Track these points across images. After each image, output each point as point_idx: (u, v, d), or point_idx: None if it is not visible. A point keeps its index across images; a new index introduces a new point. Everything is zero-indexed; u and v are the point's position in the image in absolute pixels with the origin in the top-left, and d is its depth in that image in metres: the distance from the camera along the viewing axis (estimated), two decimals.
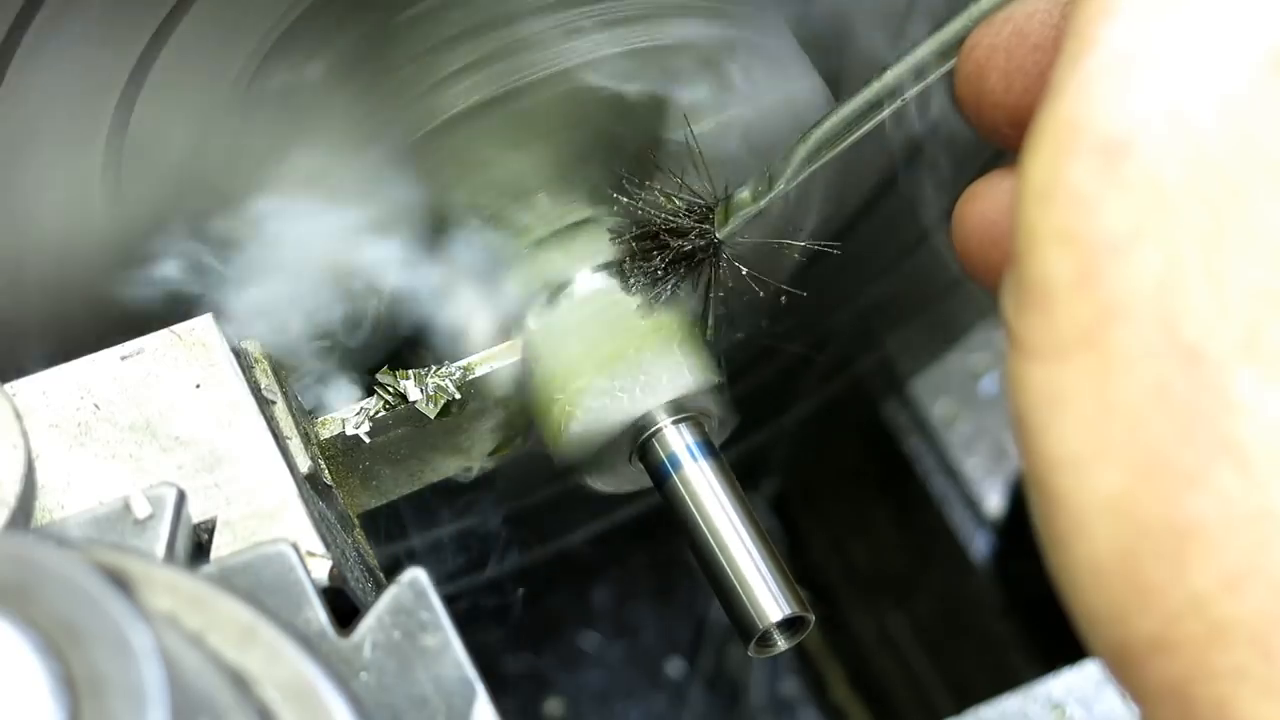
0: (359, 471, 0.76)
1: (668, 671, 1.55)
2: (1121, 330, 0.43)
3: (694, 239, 0.75)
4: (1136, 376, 0.43)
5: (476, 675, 0.52)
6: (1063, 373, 0.44)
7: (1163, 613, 0.42)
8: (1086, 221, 0.44)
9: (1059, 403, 0.44)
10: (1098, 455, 0.43)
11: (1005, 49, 0.56)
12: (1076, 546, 0.44)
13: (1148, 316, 0.43)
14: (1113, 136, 0.44)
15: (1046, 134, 0.46)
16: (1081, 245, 0.44)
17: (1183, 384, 0.42)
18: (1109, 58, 0.45)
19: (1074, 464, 0.44)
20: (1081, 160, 0.44)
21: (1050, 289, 0.45)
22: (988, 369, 1.43)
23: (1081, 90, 0.45)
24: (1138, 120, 0.44)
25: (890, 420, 1.43)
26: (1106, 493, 0.43)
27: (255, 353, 0.70)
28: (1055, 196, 0.45)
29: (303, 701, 0.47)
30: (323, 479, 0.69)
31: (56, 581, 0.43)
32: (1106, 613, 0.44)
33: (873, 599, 1.55)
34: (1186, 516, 0.42)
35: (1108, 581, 0.44)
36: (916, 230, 1.11)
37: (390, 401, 0.75)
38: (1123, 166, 0.44)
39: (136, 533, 0.54)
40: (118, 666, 0.41)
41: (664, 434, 0.77)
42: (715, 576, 0.75)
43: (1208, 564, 0.42)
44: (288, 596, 0.53)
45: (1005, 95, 0.57)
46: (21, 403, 0.63)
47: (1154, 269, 0.43)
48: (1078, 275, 0.44)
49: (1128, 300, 0.43)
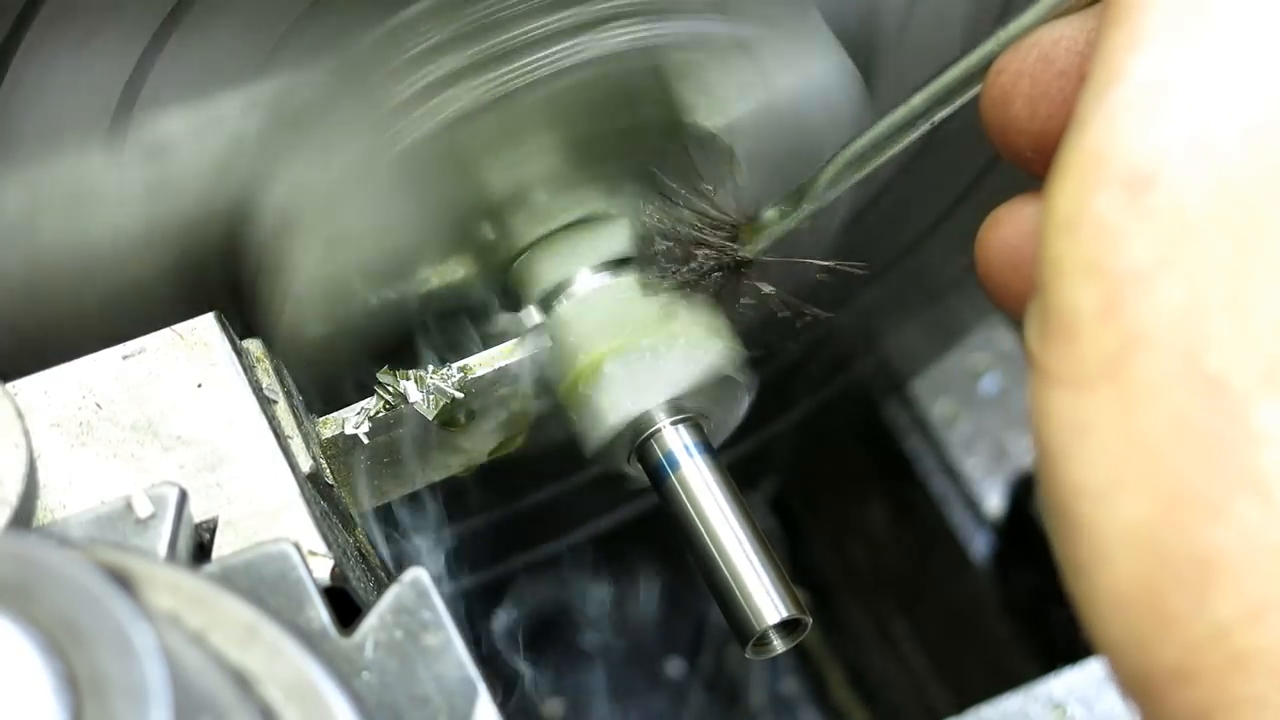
0: (360, 471, 0.76)
1: (668, 671, 1.55)
2: (1145, 360, 0.43)
3: (720, 255, 0.75)
4: (1159, 407, 0.43)
5: (478, 675, 0.52)
6: (1086, 402, 0.45)
7: (1184, 642, 0.43)
8: (1111, 252, 0.44)
9: (1082, 432, 0.45)
10: (1120, 484, 0.44)
11: (1030, 74, 0.57)
12: (1098, 575, 0.44)
13: (1171, 347, 0.43)
14: (1137, 167, 0.44)
15: (1072, 165, 0.46)
16: (1106, 276, 0.44)
17: (1205, 415, 0.43)
18: (1134, 88, 0.46)
19: (1096, 493, 0.44)
20: (1106, 191, 0.45)
21: (1075, 319, 0.45)
22: (988, 369, 1.43)
23: (1107, 121, 0.45)
24: (1162, 151, 0.44)
25: (890, 420, 1.43)
26: (1128, 522, 0.43)
27: (257, 352, 0.70)
28: (1080, 227, 0.45)
29: (305, 701, 0.47)
30: (324, 478, 0.69)
31: (58, 580, 0.43)
32: (1128, 641, 0.44)
33: (873, 599, 1.54)
34: (1208, 547, 0.42)
35: (1129, 610, 0.44)
36: (916, 230, 1.11)
37: (390, 402, 0.75)
38: (1147, 197, 0.44)
39: (138, 532, 0.54)
40: (120, 666, 0.41)
41: (662, 434, 0.78)
42: (712, 579, 0.75)
43: (1229, 594, 0.42)
44: (289, 596, 0.53)
45: (1029, 121, 0.57)
46: (23, 402, 0.63)
47: (1177, 299, 0.43)
48: (1102, 305, 0.44)
49: (1151, 330, 0.43)
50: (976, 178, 1.05)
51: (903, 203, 1.04)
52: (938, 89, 0.62)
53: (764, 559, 0.75)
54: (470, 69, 0.73)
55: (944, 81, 0.62)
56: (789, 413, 1.31)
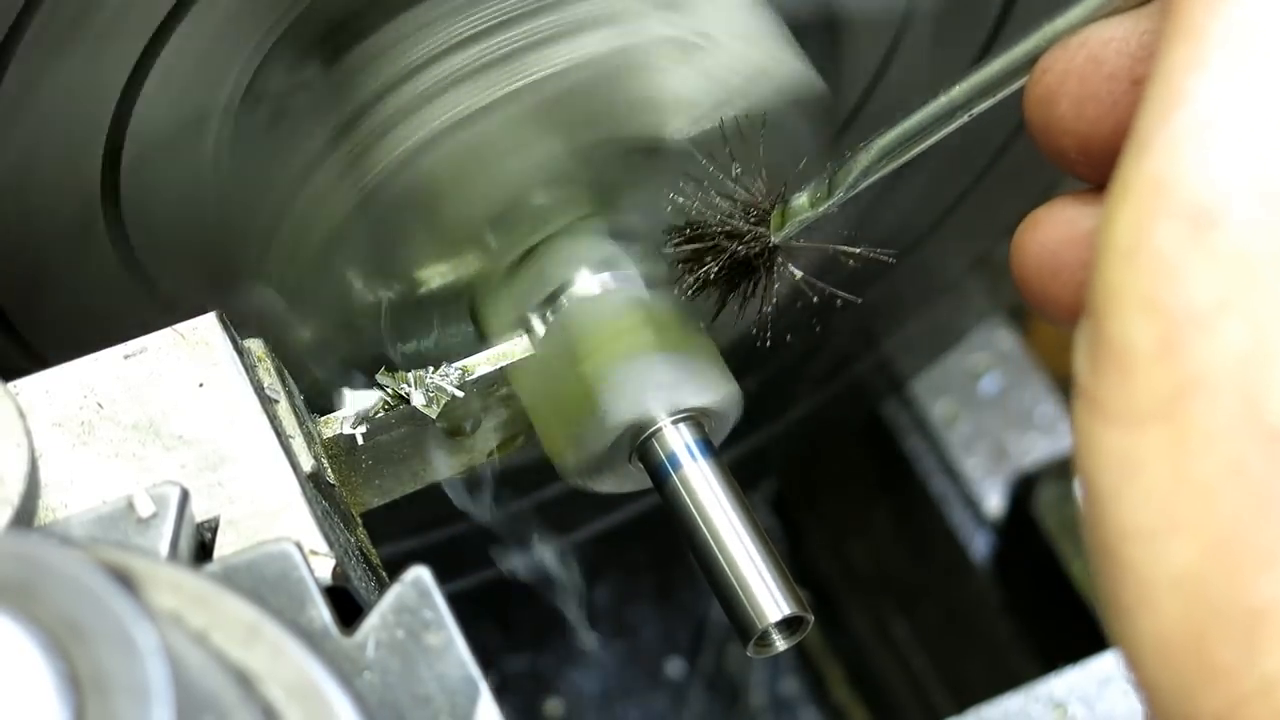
0: (361, 470, 0.76)
1: (668, 671, 1.55)
2: (1202, 404, 0.43)
3: (748, 242, 0.74)
4: (1214, 452, 0.42)
5: (480, 674, 0.52)
6: (1139, 441, 0.44)
7: (1231, 693, 0.42)
8: (1171, 290, 0.43)
9: (1133, 471, 0.44)
10: (1170, 529, 0.43)
11: (1079, 75, 0.55)
12: (1143, 619, 0.44)
13: (1229, 392, 0.42)
14: (1202, 203, 0.43)
15: (1132, 191, 0.45)
16: (1165, 314, 0.43)
17: (1262, 463, 0.42)
18: (1199, 115, 0.44)
19: (1145, 535, 0.44)
20: (1169, 225, 0.44)
21: (1130, 355, 0.44)
22: (988, 369, 1.43)
23: (1170, 149, 0.44)
24: (1229, 185, 0.43)
25: (890, 420, 1.43)
26: (1177, 568, 0.43)
27: (258, 352, 0.70)
28: (1139, 260, 0.44)
29: (307, 700, 0.47)
30: (325, 478, 0.69)
31: (61, 580, 0.42)
32: (1172, 688, 0.43)
33: (873, 599, 1.55)
34: (1259, 598, 0.42)
35: (1174, 657, 0.43)
36: (916, 230, 1.11)
37: (390, 402, 0.75)
38: (1211, 235, 0.43)
39: (140, 531, 0.54)
40: (122, 665, 0.41)
41: (663, 434, 0.78)
42: (714, 576, 0.75)
43: (1279, 647, 0.41)
44: (291, 595, 0.53)
45: (1076, 122, 0.55)
46: (24, 401, 0.63)
47: (1239, 344, 0.43)
48: (1160, 344, 0.43)
49: (1210, 374, 0.43)
50: (977, 177, 1.05)
51: (903, 202, 1.04)
52: (979, 81, 0.60)
53: (766, 557, 0.75)
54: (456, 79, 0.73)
55: (986, 74, 0.60)
56: (789, 413, 1.31)
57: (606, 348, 0.78)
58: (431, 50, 0.74)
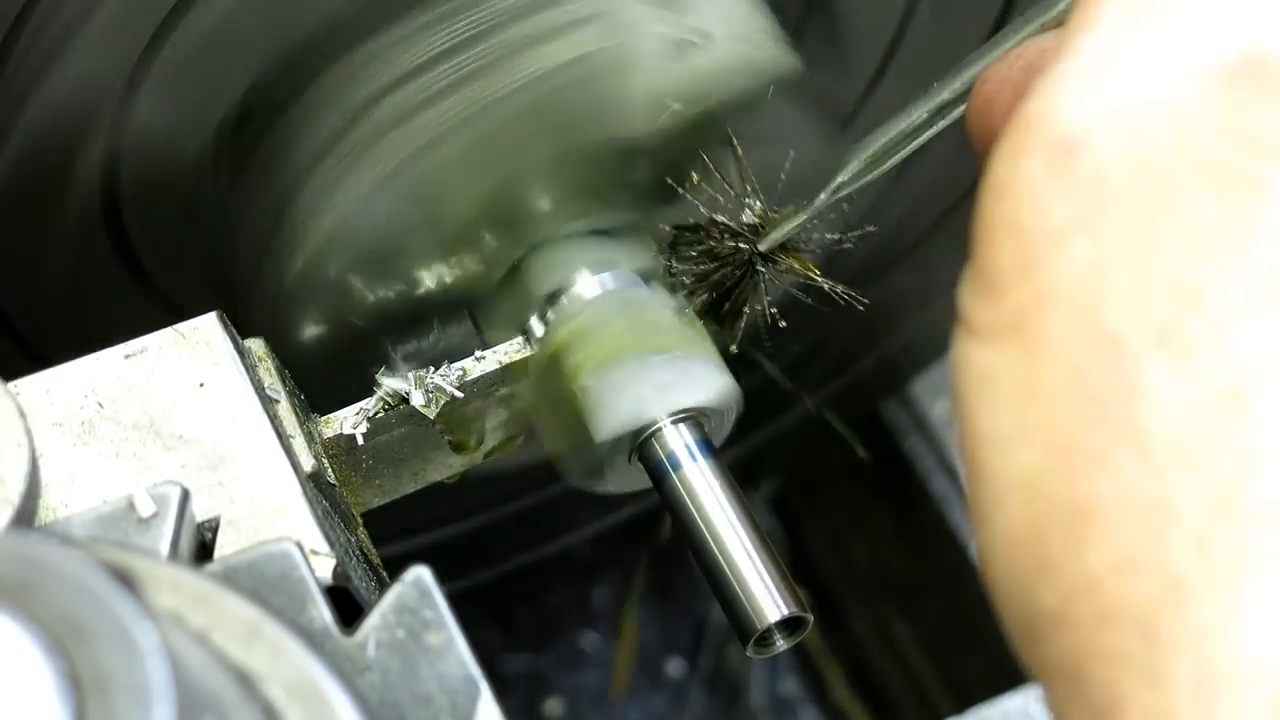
0: (362, 470, 0.76)
1: (668, 671, 1.55)
2: (1049, 316, 0.45)
3: (735, 250, 0.75)
4: (1058, 361, 0.45)
5: (481, 673, 0.52)
6: (996, 354, 0.46)
7: (1062, 589, 0.44)
8: (1032, 213, 0.46)
9: (990, 382, 0.46)
10: (1018, 434, 0.45)
11: (1014, 83, 0.58)
12: (994, 520, 0.46)
13: (1073, 304, 0.45)
14: (1066, 135, 0.46)
15: (1008, 132, 0.47)
16: (1025, 234, 0.46)
17: (1098, 370, 0.44)
18: (1078, 63, 0.47)
19: (998, 441, 0.46)
20: (1036, 156, 0.46)
21: (995, 275, 0.46)
22: None
23: (1047, 91, 0.47)
24: (1091, 120, 0.46)
25: (890, 420, 1.43)
26: (1023, 470, 0.45)
27: (258, 351, 0.70)
28: (1008, 189, 0.47)
29: (307, 700, 0.47)
30: (326, 477, 0.69)
31: (61, 579, 0.42)
32: (1014, 586, 0.45)
33: (873, 599, 1.54)
34: (1088, 496, 0.43)
35: (1018, 555, 0.45)
36: (916, 230, 1.11)
37: (389, 402, 0.75)
38: (1072, 163, 0.46)
39: (140, 531, 0.54)
40: (123, 664, 0.41)
41: (663, 433, 0.78)
42: (714, 576, 0.75)
43: (1102, 545, 0.43)
44: (291, 595, 0.53)
45: None
46: (25, 401, 0.63)
47: (1084, 259, 0.45)
48: (1019, 262, 0.46)
49: (1057, 288, 0.45)
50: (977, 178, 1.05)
51: (903, 203, 1.04)
52: (958, 85, 0.63)
53: (766, 557, 0.75)
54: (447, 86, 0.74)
55: (967, 77, 0.63)
56: (789, 413, 1.31)
57: (602, 350, 0.78)
58: (420, 58, 0.74)
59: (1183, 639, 0.41)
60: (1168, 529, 0.42)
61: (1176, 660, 0.41)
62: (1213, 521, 0.42)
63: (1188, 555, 0.42)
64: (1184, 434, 0.43)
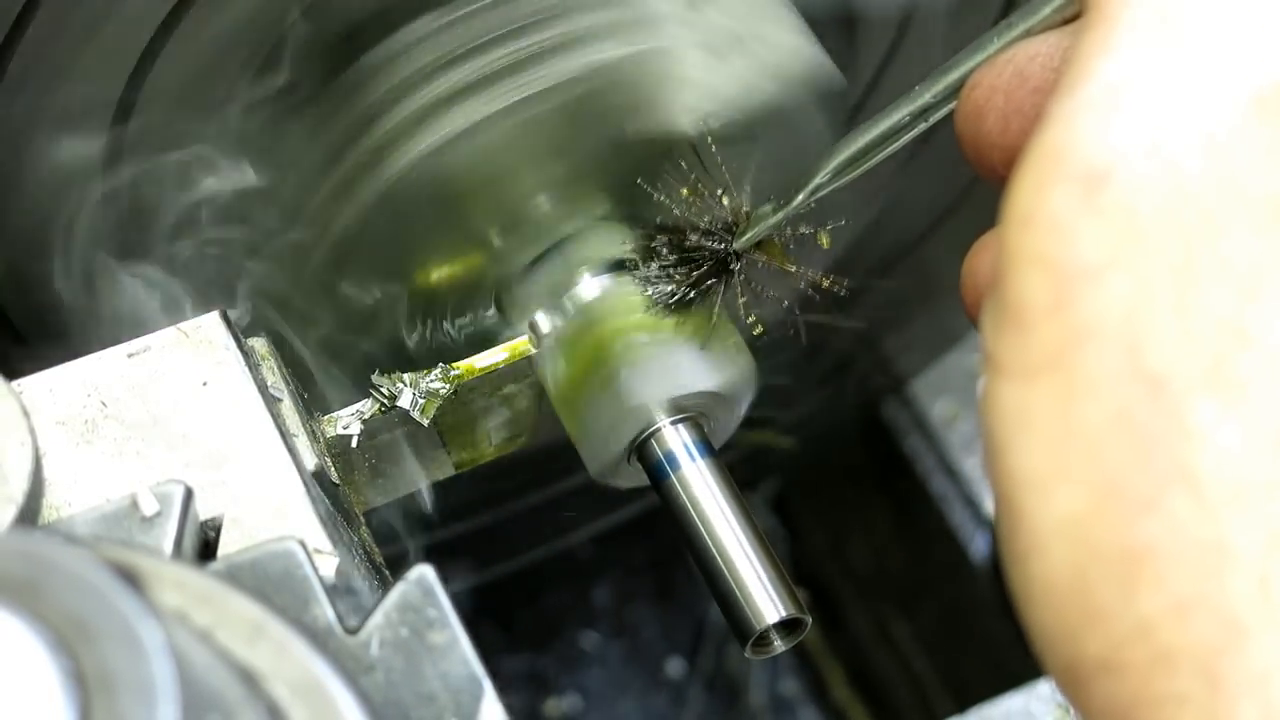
0: (364, 469, 0.76)
1: (668, 671, 1.55)
2: (1088, 354, 0.44)
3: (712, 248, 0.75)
4: (1100, 400, 0.44)
5: (484, 672, 0.52)
6: (1031, 393, 0.45)
7: (1111, 635, 0.43)
8: (1062, 247, 0.45)
9: (1026, 422, 0.45)
10: (1058, 476, 0.44)
11: (1005, 90, 0.57)
12: (1033, 564, 0.45)
13: (1114, 342, 0.44)
14: (1093, 166, 0.45)
15: (1031, 160, 0.47)
16: (1056, 270, 0.45)
17: (1144, 410, 0.43)
18: (1098, 89, 0.46)
19: (1035, 483, 0.45)
20: (1062, 187, 0.45)
21: (1026, 311, 0.45)
22: None
23: (1069, 120, 0.46)
24: (1119, 151, 0.45)
25: (890, 420, 1.43)
26: (1064, 513, 0.44)
27: (262, 350, 0.70)
28: (1035, 221, 0.46)
29: (312, 698, 0.47)
30: (329, 476, 0.69)
31: (66, 578, 0.42)
32: (1058, 631, 0.44)
33: (873, 599, 1.54)
34: (1139, 541, 0.43)
35: (1060, 601, 0.44)
36: (916, 230, 1.11)
37: (385, 404, 0.75)
38: (1101, 195, 0.45)
39: (144, 530, 0.54)
40: (128, 663, 0.41)
41: (662, 434, 0.78)
42: (712, 578, 0.76)
43: (1157, 590, 0.42)
44: (295, 593, 0.53)
45: (1002, 136, 0.57)
46: (28, 400, 0.62)
47: (1124, 297, 0.44)
48: (1051, 299, 0.45)
49: (1096, 325, 0.44)
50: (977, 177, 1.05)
51: (903, 203, 1.04)
52: (939, 89, 0.63)
53: (764, 558, 0.75)
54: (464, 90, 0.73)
55: (947, 81, 0.62)
56: (789, 413, 1.31)
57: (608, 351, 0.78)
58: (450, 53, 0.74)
59: (1246, 681, 0.41)
60: (1225, 571, 0.42)
61: (1240, 703, 0.41)
62: (1272, 562, 0.41)
63: (1247, 597, 0.41)
64: (1237, 474, 0.42)
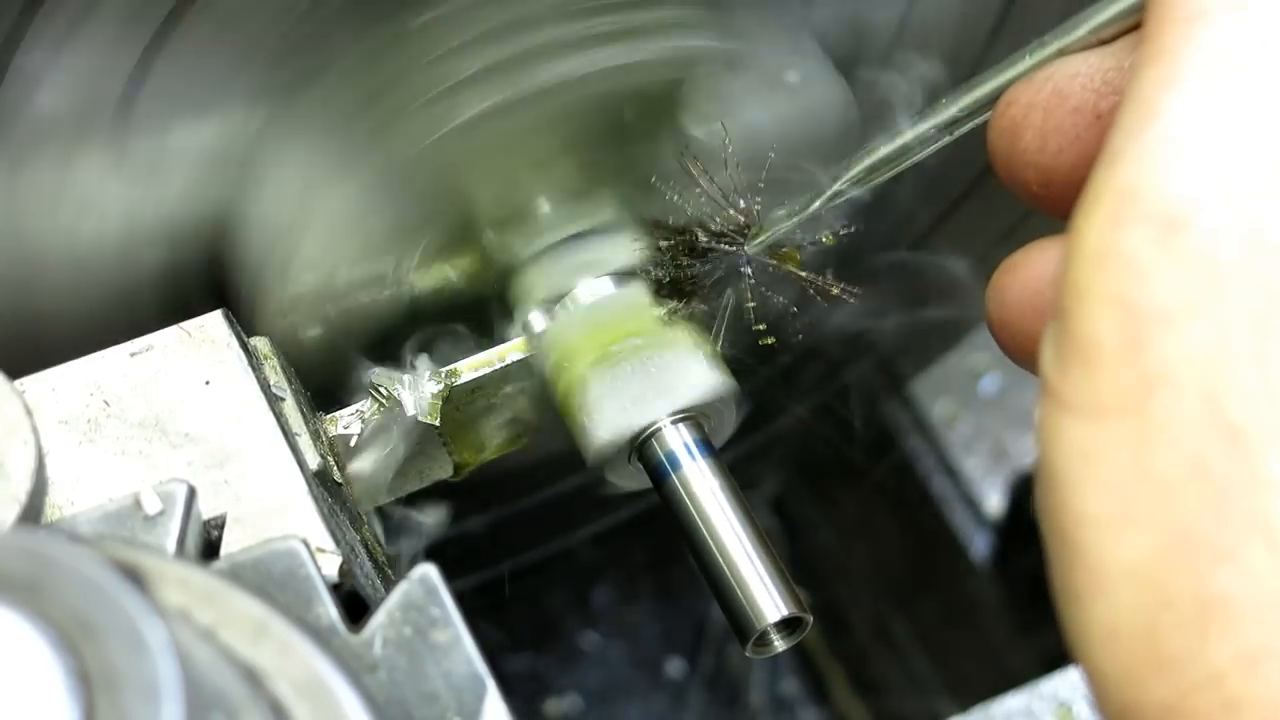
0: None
1: (668, 671, 1.55)
2: (1165, 399, 0.44)
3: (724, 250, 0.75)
4: (1175, 446, 0.43)
5: (487, 671, 0.52)
6: (1101, 433, 0.45)
7: (1179, 683, 0.43)
8: (1138, 289, 0.45)
9: (1094, 462, 0.45)
10: (1128, 518, 0.44)
11: (1044, 108, 0.57)
12: (1095, 605, 0.45)
13: (1192, 389, 0.43)
14: (1171, 208, 0.45)
15: (1104, 198, 0.46)
16: (1131, 312, 0.45)
17: (1220, 459, 0.43)
18: (1170, 128, 0.46)
19: (1102, 524, 0.44)
20: (1138, 228, 0.45)
21: (1096, 350, 0.45)
22: (988, 369, 1.43)
23: (1142, 159, 0.46)
24: (1198, 194, 0.45)
25: (890, 420, 1.43)
26: (1133, 557, 0.44)
27: (264, 349, 0.70)
28: (1108, 261, 0.45)
29: (315, 697, 0.47)
30: (332, 475, 0.69)
31: (70, 576, 0.42)
32: (1120, 675, 0.44)
33: (873, 599, 1.55)
34: (1212, 590, 0.42)
35: (1124, 644, 0.44)
36: (916, 230, 1.11)
37: (385, 404, 0.75)
38: (1179, 239, 0.44)
39: (147, 529, 0.54)
40: (132, 661, 0.41)
41: (663, 433, 0.78)
42: (713, 577, 0.75)
43: (1229, 640, 0.42)
44: (298, 592, 0.53)
45: (1038, 155, 0.57)
46: (31, 399, 0.63)
47: (1203, 343, 0.44)
48: (1125, 341, 0.45)
49: (1174, 371, 0.44)
50: (977, 177, 1.05)
51: (903, 203, 1.04)
52: (960, 106, 0.63)
53: (765, 557, 0.75)
54: (473, 79, 0.73)
55: (969, 99, 0.62)
56: (789, 413, 1.31)
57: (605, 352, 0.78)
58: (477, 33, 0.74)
59: None
60: None
61: None
62: None
63: None
64: None
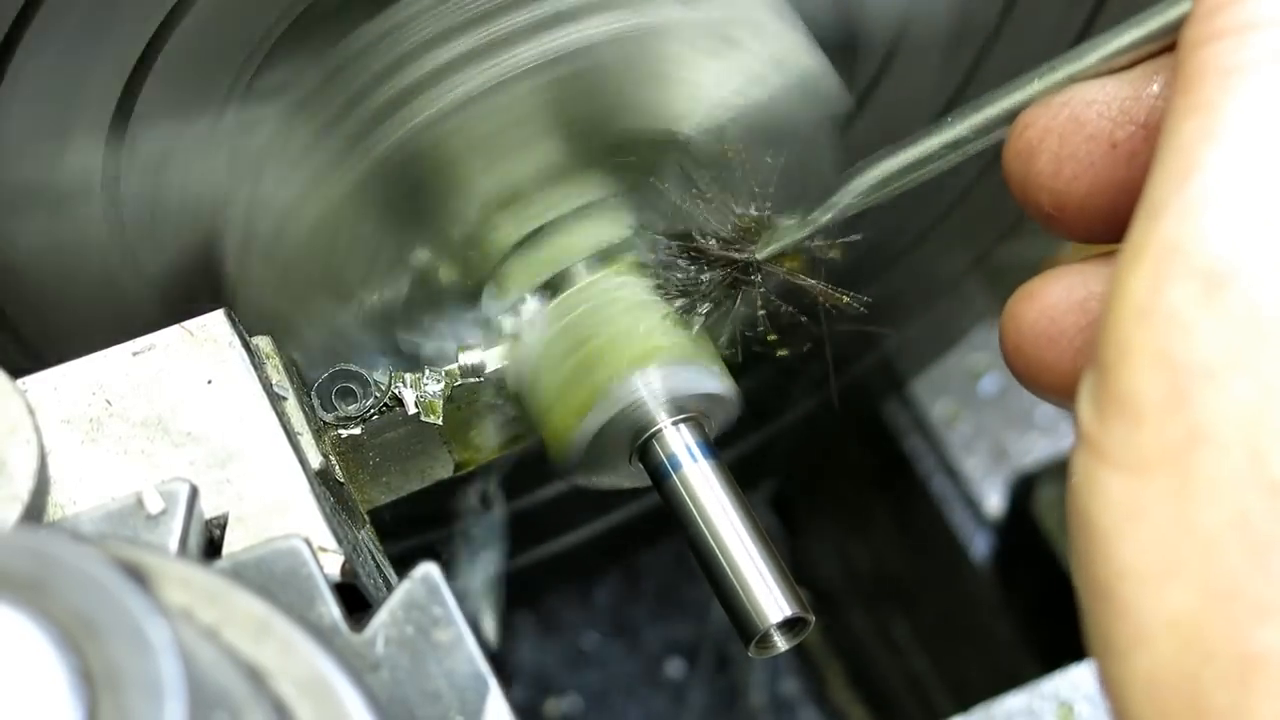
0: (369, 467, 0.76)
1: (668, 671, 1.55)
2: (1208, 455, 0.44)
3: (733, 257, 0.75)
4: (1219, 501, 0.44)
5: (489, 670, 0.52)
6: (1143, 488, 0.45)
7: None
8: (1183, 345, 0.45)
9: (1136, 516, 0.45)
10: (1170, 572, 0.44)
11: (1060, 133, 0.57)
12: (1136, 657, 0.45)
13: (1236, 446, 0.44)
14: (1214, 265, 0.45)
15: (1147, 253, 0.46)
16: (1175, 367, 0.45)
17: (1265, 515, 0.43)
18: (1213, 183, 0.46)
19: (1145, 577, 0.45)
20: (1182, 285, 0.45)
21: (1138, 405, 0.45)
22: (988, 369, 1.43)
23: (1184, 214, 0.46)
24: (1242, 252, 0.45)
25: (890, 420, 1.43)
26: (1175, 610, 0.44)
27: (266, 349, 0.70)
28: (1152, 316, 0.46)
29: (318, 695, 0.47)
30: (334, 474, 0.69)
31: (73, 575, 0.43)
32: None
33: (873, 599, 1.55)
34: (1256, 647, 0.43)
35: (1165, 697, 0.44)
36: (916, 230, 1.11)
37: (386, 403, 0.75)
38: (1223, 296, 0.45)
39: (149, 528, 0.54)
40: (135, 660, 0.41)
41: (664, 434, 0.77)
42: (715, 577, 0.75)
43: (1272, 697, 0.42)
44: (300, 591, 0.53)
45: (1053, 179, 0.57)
46: (33, 398, 0.63)
47: (1247, 400, 0.44)
48: (1169, 396, 0.45)
49: (1218, 427, 0.44)
50: (977, 177, 1.05)
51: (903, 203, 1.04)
52: (976, 123, 0.63)
53: (767, 557, 0.75)
54: (458, 61, 0.73)
55: (984, 116, 0.63)
56: (789, 413, 1.31)
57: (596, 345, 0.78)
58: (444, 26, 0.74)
59: None
60: None
61: None
62: None
63: None
64: None
